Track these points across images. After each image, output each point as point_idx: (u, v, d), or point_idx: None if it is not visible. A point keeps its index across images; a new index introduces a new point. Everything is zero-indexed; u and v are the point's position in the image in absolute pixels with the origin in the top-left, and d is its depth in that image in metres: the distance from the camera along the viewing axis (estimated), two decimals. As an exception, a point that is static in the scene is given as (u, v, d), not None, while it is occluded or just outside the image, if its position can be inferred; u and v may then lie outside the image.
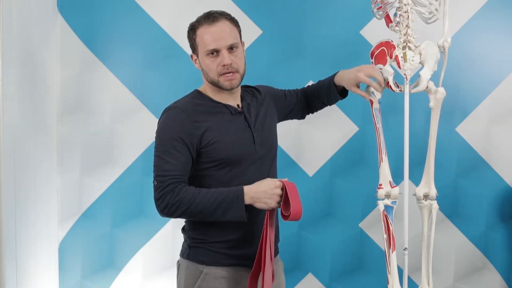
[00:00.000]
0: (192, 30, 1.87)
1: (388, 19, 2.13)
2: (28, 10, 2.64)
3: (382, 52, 2.04)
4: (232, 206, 1.76)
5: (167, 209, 1.78)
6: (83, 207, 2.96)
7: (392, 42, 2.05)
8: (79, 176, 2.95)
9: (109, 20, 2.92)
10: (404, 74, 2.02)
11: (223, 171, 1.84)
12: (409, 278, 2.26)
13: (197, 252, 1.89)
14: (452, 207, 2.89)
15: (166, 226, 2.94)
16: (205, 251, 1.87)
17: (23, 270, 2.55)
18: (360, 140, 2.90)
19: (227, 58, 1.82)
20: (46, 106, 2.85)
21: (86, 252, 2.96)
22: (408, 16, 2.03)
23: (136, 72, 2.93)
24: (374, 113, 2.06)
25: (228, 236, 1.86)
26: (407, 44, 2.03)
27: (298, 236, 2.94)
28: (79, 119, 2.94)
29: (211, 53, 1.83)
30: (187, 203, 1.76)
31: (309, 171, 2.94)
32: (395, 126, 2.48)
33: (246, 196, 1.76)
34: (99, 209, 2.95)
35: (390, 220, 2.01)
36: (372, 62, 2.08)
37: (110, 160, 2.95)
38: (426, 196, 2.09)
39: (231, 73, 1.84)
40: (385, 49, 2.04)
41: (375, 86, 2.00)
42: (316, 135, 2.92)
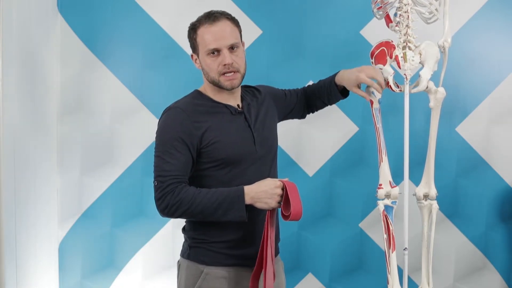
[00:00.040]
0: (193, 30, 1.87)
1: (388, 19, 2.13)
2: (28, 10, 2.64)
3: (382, 52, 2.04)
4: (232, 206, 1.76)
5: (168, 209, 1.78)
6: (83, 207, 2.96)
7: (392, 42, 2.05)
8: (79, 176, 2.95)
9: (109, 20, 2.92)
10: (404, 74, 2.02)
11: (223, 171, 1.84)
12: (409, 278, 2.26)
13: (197, 252, 1.89)
14: (452, 207, 2.89)
15: (166, 226, 2.94)
16: (205, 251, 1.87)
17: (23, 270, 2.55)
18: (360, 140, 2.90)
19: (228, 58, 1.82)
20: (46, 106, 2.85)
21: (86, 252, 2.96)
22: (408, 16, 2.03)
23: (136, 72, 2.93)
24: (374, 113, 2.06)
25: (229, 236, 1.86)
26: (407, 44, 2.03)
27: (298, 236, 2.94)
28: (79, 119, 2.94)
29: (212, 52, 1.83)
30: (187, 203, 1.76)
31: (309, 171, 2.94)
32: (395, 126, 2.48)
33: (246, 196, 1.76)
34: (99, 209, 2.95)
35: (390, 220, 2.01)
36: (372, 62, 2.08)
37: (110, 160, 2.95)
38: (426, 196, 2.09)
39: (232, 72, 1.84)
40: (385, 49, 2.04)
41: (376, 88, 2.00)
42: (316, 135, 2.92)
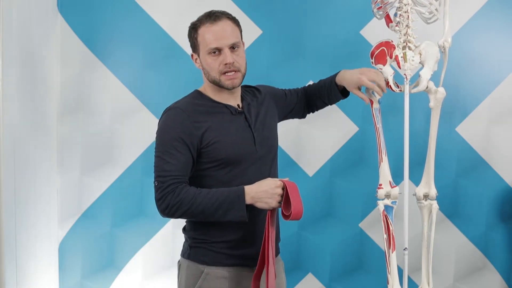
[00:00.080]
0: (194, 29, 1.87)
1: (388, 19, 2.12)
2: (28, 10, 2.64)
3: (382, 52, 2.04)
4: (233, 206, 1.76)
5: (168, 209, 1.78)
6: (83, 207, 2.96)
7: (392, 42, 2.04)
8: (79, 176, 2.95)
9: (109, 20, 2.91)
10: (404, 74, 2.02)
11: (223, 171, 1.84)
12: (409, 278, 2.26)
13: (198, 252, 1.89)
14: (452, 207, 2.89)
15: (166, 226, 2.94)
16: (206, 251, 1.87)
17: (23, 270, 2.55)
18: (360, 140, 2.90)
19: (229, 57, 1.82)
20: (46, 106, 2.85)
21: (86, 252, 2.96)
22: (408, 16, 2.03)
23: (136, 72, 2.93)
24: (374, 113, 2.06)
25: (229, 236, 1.86)
26: (407, 44, 2.03)
27: (298, 236, 2.94)
28: (79, 119, 2.94)
29: (213, 52, 1.83)
30: (188, 204, 1.76)
31: (309, 171, 2.94)
32: (395, 126, 2.48)
33: (247, 196, 1.76)
34: (99, 209, 2.95)
35: (390, 220, 2.00)
36: (372, 62, 2.08)
37: (110, 160, 2.95)
38: (426, 196, 2.09)
39: (232, 72, 1.84)
40: (385, 49, 2.04)
41: (378, 91, 2.01)
42: (316, 135, 2.92)
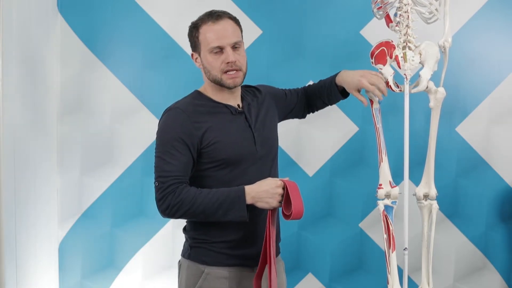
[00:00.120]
0: (195, 28, 1.87)
1: (388, 19, 2.12)
2: (28, 10, 2.64)
3: (382, 52, 2.04)
4: (233, 206, 1.76)
5: (169, 210, 1.78)
6: (83, 207, 2.96)
7: (392, 42, 2.05)
8: (79, 176, 2.95)
9: (109, 20, 2.91)
10: (404, 74, 2.02)
11: (223, 172, 1.84)
12: (409, 278, 2.26)
13: (198, 252, 1.89)
14: (452, 207, 2.89)
15: (166, 226, 2.94)
16: (206, 251, 1.87)
17: (23, 270, 2.55)
18: (360, 140, 2.90)
19: (232, 56, 1.82)
20: (46, 106, 2.85)
21: (86, 252, 2.96)
22: (408, 16, 2.03)
23: (136, 72, 2.93)
24: (374, 113, 2.06)
25: (230, 236, 1.86)
26: (407, 44, 2.03)
27: (298, 236, 2.94)
28: (79, 119, 2.94)
29: (214, 50, 1.83)
30: (188, 204, 1.76)
31: (309, 171, 2.94)
32: (395, 126, 2.48)
33: (247, 196, 1.76)
34: (99, 209, 2.95)
35: (390, 220, 2.01)
36: (372, 62, 2.08)
37: (110, 160, 2.95)
38: (426, 196, 2.10)
39: (234, 71, 1.84)
40: (385, 49, 2.04)
41: (378, 95, 2.01)
42: (316, 135, 2.92)
